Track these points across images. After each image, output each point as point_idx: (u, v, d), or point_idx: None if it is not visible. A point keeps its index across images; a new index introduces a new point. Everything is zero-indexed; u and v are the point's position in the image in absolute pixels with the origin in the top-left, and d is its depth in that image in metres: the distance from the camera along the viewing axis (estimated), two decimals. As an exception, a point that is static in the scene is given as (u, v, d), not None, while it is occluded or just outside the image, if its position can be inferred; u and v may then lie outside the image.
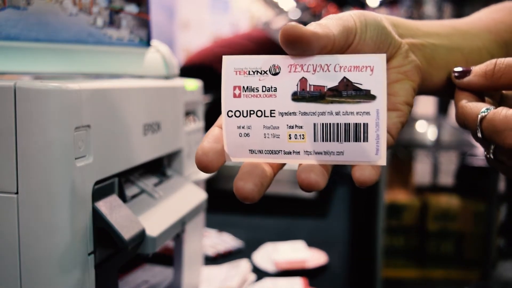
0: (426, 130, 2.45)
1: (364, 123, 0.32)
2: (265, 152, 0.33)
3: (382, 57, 0.32)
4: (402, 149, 2.06)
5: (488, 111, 0.36)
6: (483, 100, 0.40)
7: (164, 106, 0.55)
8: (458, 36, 0.44)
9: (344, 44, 0.35)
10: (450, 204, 2.22)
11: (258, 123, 0.33)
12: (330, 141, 0.32)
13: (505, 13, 0.47)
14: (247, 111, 0.33)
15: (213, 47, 1.63)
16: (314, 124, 0.32)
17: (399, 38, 0.39)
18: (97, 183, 0.42)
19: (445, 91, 0.43)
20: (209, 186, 0.72)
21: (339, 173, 1.48)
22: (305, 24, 0.33)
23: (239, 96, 0.33)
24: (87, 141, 0.40)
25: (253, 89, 0.33)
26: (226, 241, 0.87)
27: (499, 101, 0.42)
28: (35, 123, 0.37)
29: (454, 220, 2.21)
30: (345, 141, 0.32)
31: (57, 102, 0.37)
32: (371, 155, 0.32)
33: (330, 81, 0.32)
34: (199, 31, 4.11)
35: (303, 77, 0.32)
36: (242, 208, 1.09)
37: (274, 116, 0.33)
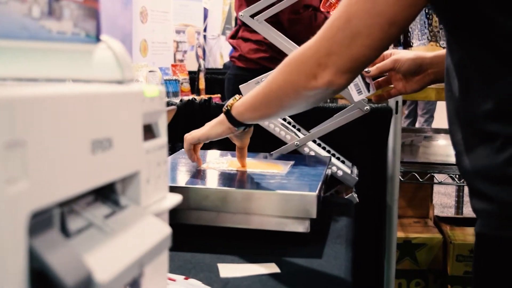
0: (448, 147, 2.48)
1: None
2: None
3: None
4: (418, 170, 2.08)
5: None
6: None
7: (117, 117, 0.55)
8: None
9: None
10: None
11: None
12: None
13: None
14: None
15: None
16: None
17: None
18: (33, 214, 0.42)
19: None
20: (174, 218, 0.73)
21: (336, 202, 1.49)
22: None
23: None
24: (22, 161, 0.41)
25: None
26: (196, 289, 0.88)
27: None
28: (-45, 139, 0.37)
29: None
30: None
31: (-16, 113, 0.38)
32: None
33: None
34: (160, 22, 4.12)
35: None
36: (216, 247, 1.09)
37: None
